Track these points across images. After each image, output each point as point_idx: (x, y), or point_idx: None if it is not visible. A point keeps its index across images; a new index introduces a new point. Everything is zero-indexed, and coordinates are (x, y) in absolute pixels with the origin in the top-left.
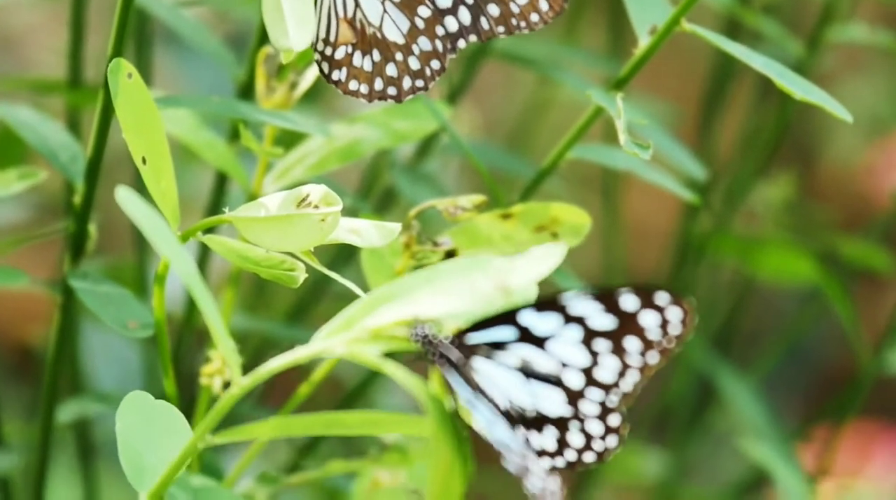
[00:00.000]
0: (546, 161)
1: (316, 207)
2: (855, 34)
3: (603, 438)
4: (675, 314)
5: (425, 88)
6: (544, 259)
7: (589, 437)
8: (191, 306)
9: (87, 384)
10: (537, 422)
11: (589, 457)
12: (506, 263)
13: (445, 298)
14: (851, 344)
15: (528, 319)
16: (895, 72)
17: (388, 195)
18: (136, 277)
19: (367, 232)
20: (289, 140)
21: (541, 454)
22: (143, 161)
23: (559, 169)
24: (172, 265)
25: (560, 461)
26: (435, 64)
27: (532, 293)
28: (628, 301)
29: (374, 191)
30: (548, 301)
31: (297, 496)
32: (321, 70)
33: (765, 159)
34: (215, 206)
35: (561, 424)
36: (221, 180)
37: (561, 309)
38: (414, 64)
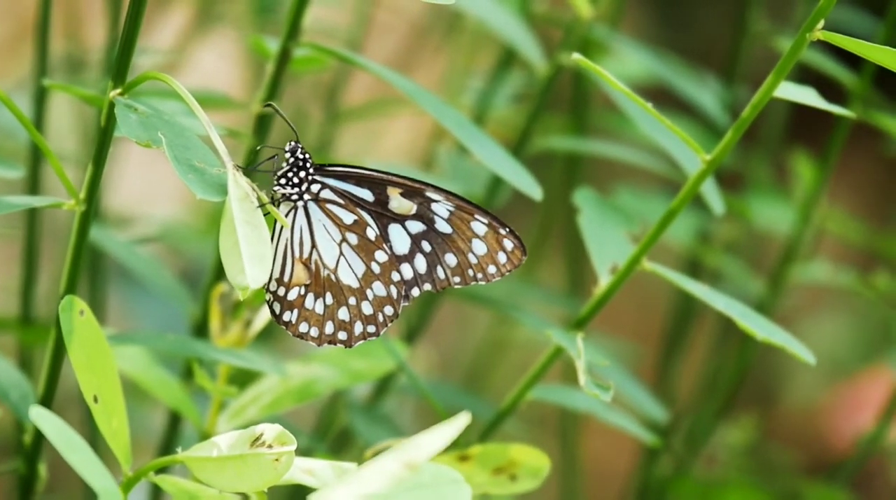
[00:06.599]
0: (505, 402)
1: (270, 446)
2: (817, 274)
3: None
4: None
5: (376, 334)
6: (441, 435)
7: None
8: None
9: None
10: None
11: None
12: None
13: (358, 484)
14: None
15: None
16: (856, 311)
17: (344, 435)
18: None
19: (322, 472)
20: (243, 379)
21: None
22: (95, 399)
23: (516, 410)
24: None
25: None
26: (388, 310)
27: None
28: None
29: (330, 431)
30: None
31: None
32: (272, 310)
33: (725, 401)
34: (168, 445)
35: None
36: (174, 419)
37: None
38: (367, 309)
